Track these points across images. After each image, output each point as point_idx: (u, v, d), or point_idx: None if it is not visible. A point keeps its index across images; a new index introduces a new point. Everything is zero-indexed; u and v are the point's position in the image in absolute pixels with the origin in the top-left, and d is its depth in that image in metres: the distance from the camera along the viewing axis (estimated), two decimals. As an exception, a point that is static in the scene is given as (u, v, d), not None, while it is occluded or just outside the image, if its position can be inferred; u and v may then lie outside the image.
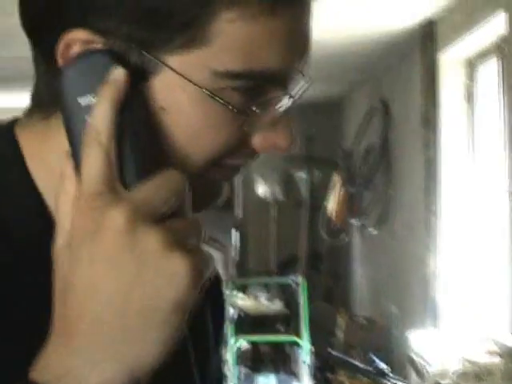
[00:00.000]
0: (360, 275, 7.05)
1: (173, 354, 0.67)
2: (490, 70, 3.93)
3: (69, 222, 0.68)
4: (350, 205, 6.47)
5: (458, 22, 3.87)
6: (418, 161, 4.66)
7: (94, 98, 0.71)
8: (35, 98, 0.81)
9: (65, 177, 0.70)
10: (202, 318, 0.92)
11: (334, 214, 6.71)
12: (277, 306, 6.77)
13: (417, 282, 4.80)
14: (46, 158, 0.80)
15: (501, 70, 3.69)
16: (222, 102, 0.74)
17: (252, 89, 0.76)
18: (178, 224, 0.67)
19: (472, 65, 4.19)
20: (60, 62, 0.74)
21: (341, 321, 6.09)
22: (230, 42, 0.74)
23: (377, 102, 5.94)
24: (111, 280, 0.65)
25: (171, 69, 0.74)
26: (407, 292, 5.17)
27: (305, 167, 7.58)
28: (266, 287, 7.11)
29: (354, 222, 6.55)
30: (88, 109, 0.71)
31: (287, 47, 0.76)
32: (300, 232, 7.70)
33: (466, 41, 3.86)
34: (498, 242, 3.70)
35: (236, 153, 0.78)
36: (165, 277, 0.64)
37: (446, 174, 4.29)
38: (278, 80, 0.77)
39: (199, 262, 0.65)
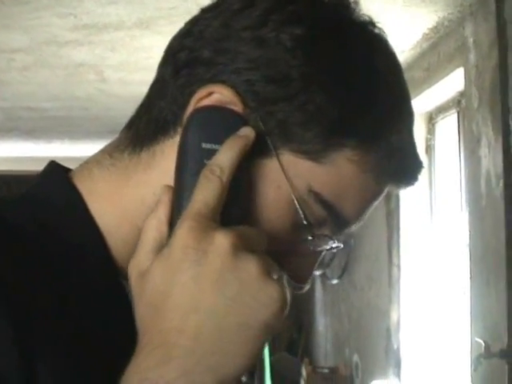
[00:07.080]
0: (323, 326, 7.06)
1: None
2: (449, 124, 4.01)
3: (152, 242, 0.75)
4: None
5: (417, 77, 3.96)
6: (379, 213, 4.72)
7: (215, 145, 0.77)
8: (134, 133, 0.85)
9: (161, 203, 0.78)
10: None
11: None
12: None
13: (379, 332, 4.83)
14: (119, 196, 0.83)
15: (459, 124, 3.77)
16: (302, 214, 0.80)
17: (321, 219, 0.82)
18: (268, 258, 0.74)
19: (432, 119, 4.28)
20: (192, 103, 0.80)
21: (304, 371, 6.09)
22: (337, 175, 0.80)
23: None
24: (213, 297, 0.71)
25: (281, 167, 0.79)
26: (369, 342, 5.19)
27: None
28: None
29: (316, 272, 6.57)
30: (208, 153, 0.77)
31: (366, 208, 0.85)
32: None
33: (426, 95, 3.94)
34: (458, 292, 3.75)
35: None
36: (261, 300, 0.71)
37: (407, 226, 4.35)
38: (343, 226, 0.85)
39: (286, 292, 0.72)
